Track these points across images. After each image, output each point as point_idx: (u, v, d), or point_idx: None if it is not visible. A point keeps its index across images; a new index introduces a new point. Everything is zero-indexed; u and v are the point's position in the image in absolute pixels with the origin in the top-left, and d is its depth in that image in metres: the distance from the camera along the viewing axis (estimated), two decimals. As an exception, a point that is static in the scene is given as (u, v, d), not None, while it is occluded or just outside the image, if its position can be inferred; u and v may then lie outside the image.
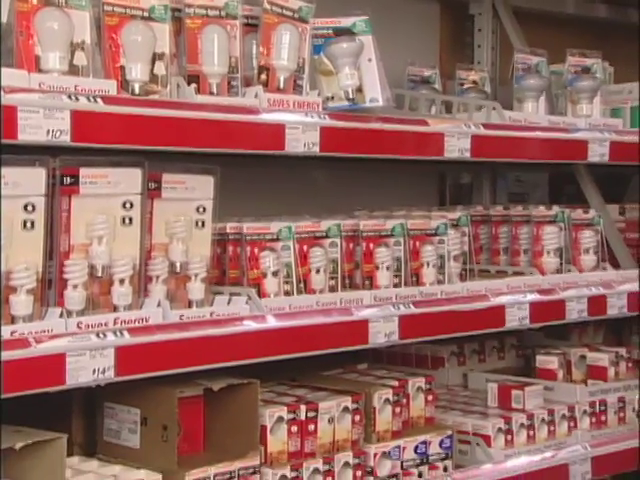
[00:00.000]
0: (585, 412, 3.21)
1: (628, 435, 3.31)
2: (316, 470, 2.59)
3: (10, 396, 2.00)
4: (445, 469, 2.87)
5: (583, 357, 3.39)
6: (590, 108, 3.39)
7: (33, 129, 2.00)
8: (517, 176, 3.92)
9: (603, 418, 3.27)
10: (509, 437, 3.05)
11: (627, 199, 3.88)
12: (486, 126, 2.93)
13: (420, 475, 2.80)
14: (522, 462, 3.01)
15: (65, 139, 2.05)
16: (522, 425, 3.08)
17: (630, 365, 3.40)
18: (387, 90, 2.69)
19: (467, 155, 2.83)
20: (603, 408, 3.27)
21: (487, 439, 3.00)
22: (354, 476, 2.66)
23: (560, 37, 3.68)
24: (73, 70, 2.18)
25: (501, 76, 3.70)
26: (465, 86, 3.47)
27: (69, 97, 2.07)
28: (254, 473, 2.45)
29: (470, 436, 3.02)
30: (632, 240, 3.57)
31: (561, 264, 3.15)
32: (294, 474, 2.54)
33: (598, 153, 3.22)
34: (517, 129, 3.04)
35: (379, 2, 3.13)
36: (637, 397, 3.37)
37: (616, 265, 3.40)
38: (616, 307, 3.20)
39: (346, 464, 2.65)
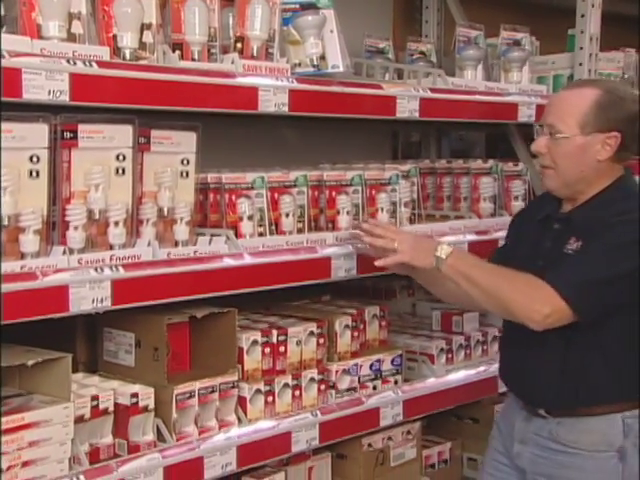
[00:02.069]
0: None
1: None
2: (286, 385, 2.60)
3: (22, 321, 1.99)
4: (396, 383, 2.89)
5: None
6: (520, 75, 3.38)
7: (36, 89, 1.97)
8: (459, 135, 3.92)
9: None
10: (450, 356, 3.09)
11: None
12: (432, 90, 2.92)
13: (374, 388, 2.82)
14: (460, 376, 3.07)
15: (64, 99, 2.02)
16: (461, 345, 3.13)
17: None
18: (347, 58, 2.66)
19: (416, 115, 2.82)
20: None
21: (431, 357, 3.04)
22: (318, 390, 2.68)
23: (495, 15, 3.67)
24: (71, 37, 2.13)
25: (445, 48, 3.68)
26: (414, 56, 3.46)
27: (68, 61, 2.04)
28: (233, 387, 2.46)
29: (417, 355, 3.06)
30: (554, 189, 3.57)
31: (495, 209, 3.16)
32: (267, 388, 2.55)
33: (526, 114, 3.22)
34: (459, 93, 3.03)
35: None
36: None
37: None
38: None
39: (311, 379, 2.66)
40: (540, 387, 2.36)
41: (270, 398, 2.55)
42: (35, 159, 2.05)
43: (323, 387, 2.68)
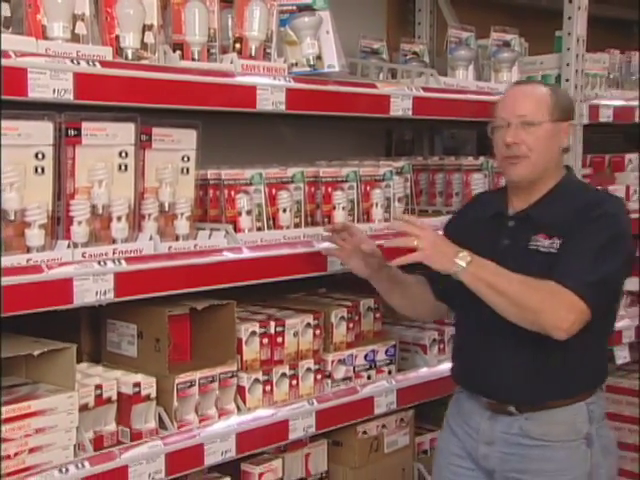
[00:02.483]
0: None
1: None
2: (283, 374, 2.60)
3: (28, 312, 2.00)
4: (390, 372, 2.90)
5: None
6: (509, 75, 3.39)
7: (41, 88, 1.97)
8: (451, 132, 3.92)
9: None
10: (441, 346, 3.10)
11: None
12: (425, 89, 2.92)
13: (369, 377, 2.83)
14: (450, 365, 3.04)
15: (69, 97, 2.02)
16: (452, 336, 3.08)
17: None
18: (342, 58, 2.67)
19: (409, 114, 2.82)
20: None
21: (424, 348, 3.05)
22: (315, 379, 2.68)
23: (485, 17, 3.68)
24: (75, 38, 2.13)
25: (437, 48, 3.68)
26: (408, 56, 3.46)
27: (72, 61, 2.04)
28: (232, 377, 2.46)
29: (410, 346, 3.06)
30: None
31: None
32: (265, 377, 2.55)
33: (517, 113, 3.20)
34: (450, 92, 3.03)
35: None
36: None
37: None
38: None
39: (308, 369, 2.66)
40: (510, 385, 2.33)
41: (268, 387, 2.55)
42: (40, 156, 2.05)
43: (319, 377, 2.69)
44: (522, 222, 2.36)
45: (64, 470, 2.07)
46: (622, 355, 3.73)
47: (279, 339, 2.60)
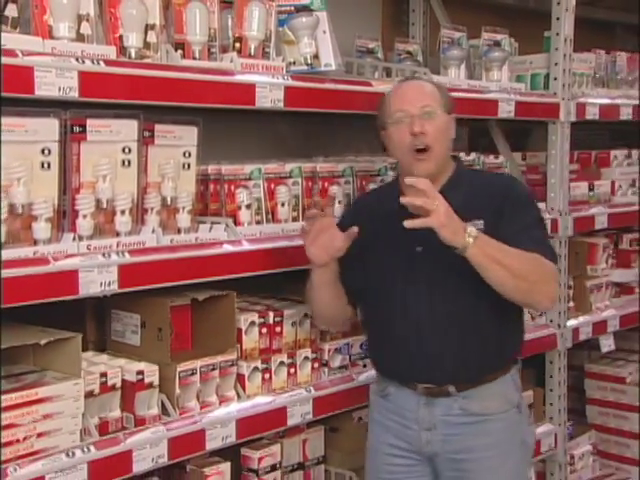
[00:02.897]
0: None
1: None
2: (282, 363, 2.60)
3: (35, 303, 2.00)
4: (384, 361, 2.89)
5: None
6: (500, 74, 3.38)
7: (47, 86, 1.97)
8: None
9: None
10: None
11: (528, 148, 3.89)
12: (418, 88, 2.90)
13: (364, 366, 2.81)
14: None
15: (74, 95, 2.02)
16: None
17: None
18: (339, 57, 2.67)
19: (403, 111, 2.81)
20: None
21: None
22: (312, 367, 2.69)
23: (477, 18, 3.67)
24: (80, 38, 2.13)
25: (430, 48, 3.68)
26: (402, 56, 3.45)
27: (77, 60, 2.04)
28: (232, 365, 2.46)
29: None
30: (531, 180, 3.59)
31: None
32: (264, 366, 2.56)
33: (506, 110, 3.22)
34: (443, 90, 3.01)
35: None
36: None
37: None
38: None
39: (306, 358, 2.67)
40: (449, 366, 2.33)
41: (267, 375, 2.56)
42: (47, 152, 2.06)
43: (316, 365, 2.69)
44: None
45: (71, 454, 2.07)
46: (607, 343, 3.75)
47: (277, 329, 2.60)
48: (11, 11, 2.03)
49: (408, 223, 2.12)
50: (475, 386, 2.34)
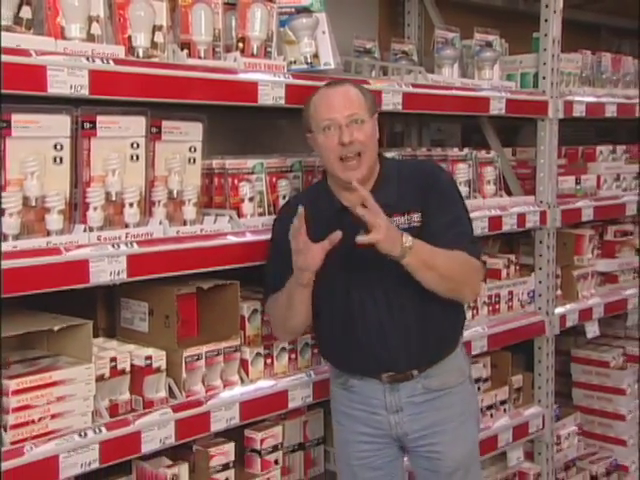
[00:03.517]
0: (484, 302, 3.24)
1: (515, 319, 3.36)
2: (283, 349, 2.61)
3: (48, 291, 2.00)
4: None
5: (484, 262, 3.41)
6: (491, 73, 3.38)
7: (59, 84, 1.97)
8: (438, 126, 3.91)
9: (497, 307, 3.31)
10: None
11: (518, 143, 3.90)
12: (414, 86, 2.91)
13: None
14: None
15: (84, 92, 2.02)
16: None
17: (517, 268, 3.44)
18: (337, 56, 2.66)
19: (399, 108, 2.82)
20: (497, 300, 3.30)
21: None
22: (312, 353, 2.68)
23: (469, 19, 3.67)
24: (90, 38, 2.13)
25: (425, 48, 3.67)
26: (398, 55, 3.44)
27: (87, 59, 2.04)
28: (236, 351, 2.46)
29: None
30: (521, 175, 3.59)
31: (469, 192, 3.15)
32: (266, 351, 2.56)
33: (497, 108, 3.21)
34: (437, 88, 3.02)
35: None
36: (522, 290, 3.42)
37: (509, 193, 3.42)
38: (509, 224, 3.23)
39: (306, 344, 2.67)
40: (411, 352, 2.33)
41: (269, 360, 2.56)
42: (59, 147, 2.06)
43: (316, 351, 2.68)
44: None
45: (83, 434, 2.08)
46: (592, 330, 3.76)
47: (279, 316, 2.60)
48: (25, 13, 2.04)
49: (360, 239, 2.11)
50: (432, 365, 2.37)
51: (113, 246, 2.11)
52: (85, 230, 2.10)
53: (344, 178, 2.27)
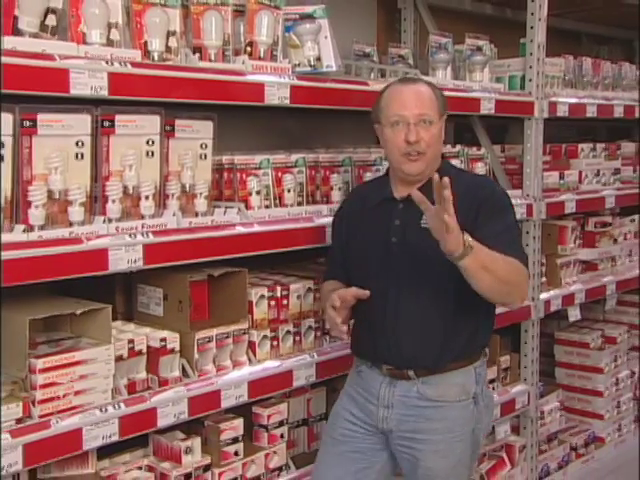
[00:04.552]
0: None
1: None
2: (288, 332, 2.60)
3: (71, 277, 2.00)
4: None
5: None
6: (482, 76, 3.36)
7: (81, 86, 1.96)
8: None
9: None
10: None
11: (506, 141, 3.89)
12: (409, 87, 2.88)
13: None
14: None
15: (104, 93, 2.01)
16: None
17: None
18: (339, 60, 2.65)
19: (396, 108, 2.79)
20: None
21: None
22: (315, 336, 2.68)
23: (461, 26, 3.66)
24: (109, 43, 2.13)
25: (420, 52, 3.65)
26: (395, 59, 3.43)
27: (107, 62, 2.03)
28: (244, 334, 2.46)
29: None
30: (509, 170, 3.58)
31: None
32: (273, 334, 2.56)
33: (487, 107, 3.20)
34: (431, 89, 2.99)
35: None
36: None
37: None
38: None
39: (309, 327, 2.66)
40: (410, 353, 2.23)
41: (275, 342, 2.56)
42: (80, 144, 2.05)
43: (319, 334, 2.69)
44: (412, 204, 2.12)
45: (104, 410, 2.09)
46: (574, 314, 3.76)
47: (284, 301, 2.59)
48: (51, 21, 2.04)
49: (444, 219, 1.91)
50: (434, 373, 2.23)
51: (130, 236, 2.11)
52: (104, 221, 2.09)
53: (405, 170, 2.21)
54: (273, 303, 2.57)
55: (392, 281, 2.23)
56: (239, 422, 2.52)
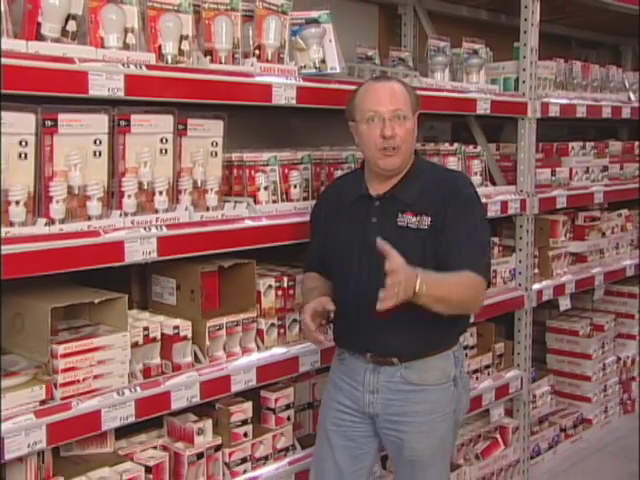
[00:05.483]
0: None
1: (498, 294, 3.31)
2: (294, 320, 2.60)
3: (89, 268, 2.00)
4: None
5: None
6: (478, 77, 3.36)
7: (99, 87, 1.96)
8: (431, 124, 3.89)
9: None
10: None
11: (501, 140, 3.88)
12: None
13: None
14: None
15: (120, 94, 2.01)
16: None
17: (501, 249, 3.41)
18: (342, 62, 2.64)
19: (396, 108, 2.78)
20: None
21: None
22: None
23: (458, 30, 3.64)
24: (126, 47, 2.12)
25: (419, 55, 3.64)
26: (395, 62, 3.42)
27: (123, 65, 2.03)
28: (253, 322, 2.46)
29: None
30: (504, 167, 3.58)
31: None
32: (280, 322, 2.55)
33: (483, 108, 3.19)
34: (430, 90, 2.99)
35: (338, 4, 3.10)
36: (504, 268, 3.39)
37: (494, 183, 3.40)
38: (493, 211, 3.19)
39: (314, 315, 2.65)
40: (393, 341, 2.20)
41: (282, 330, 2.56)
42: (98, 142, 2.05)
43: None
44: (388, 202, 2.18)
45: (121, 393, 2.09)
46: (565, 303, 3.75)
47: (291, 291, 2.59)
48: (71, 26, 2.04)
49: (380, 298, 1.92)
50: (416, 359, 2.20)
51: (145, 229, 2.11)
52: (121, 215, 2.09)
53: (381, 165, 2.18)
54: (280, 293, 2.56)
55: (372, 276, 2.14)
56: (248, 405, 2.52)
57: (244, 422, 2.50)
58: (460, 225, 2.14)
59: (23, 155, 1.91)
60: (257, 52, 2.44)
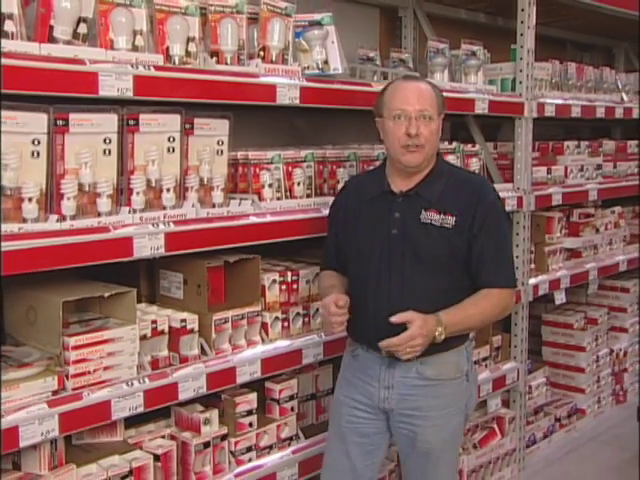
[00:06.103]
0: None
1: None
2: (298, 313, 2.60)
3: (99, 263, 2.00)
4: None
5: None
6: (476, 78, 3.34)
7: (108, 87, 1.96)
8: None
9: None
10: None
11: (499, 138, 3.86)
12: (409, 89, 2.86)
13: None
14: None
15: (129, 94, 2.01)
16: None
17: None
18: (344, 63, 2.64)
19: (398, 107, 2.77)
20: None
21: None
22: (323, 315, 2.64)
23: (457, 32, 3.63)
24: (134, 48, 2.12)
25: (419, 56, 3.63)
26: (396, 63, 3.41)
27: (132, 66, 2.02)
28: (257, 315, 2.46)
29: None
30: (501, 165, 3.57)
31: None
32: (284, 316, 2.55)
33: (481, 107, 3.17)
34: (429, 91, 2.97)
35: (340, 7, 3.10)
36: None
37: (491, 181, 3.39)
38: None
39: (318, 310, 2.64)
40: None
41: (286, 324, 2.55)
42: (107, 141, 2.05)
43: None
44: (411, 199, 2.18)
45: (130, 384, 2.09)
46: (560, 297, 3.75)
47: (295, 286, 2.59)
48: (82, 29, 2.04)
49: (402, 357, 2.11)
50: (432, 354, 2.16)
51: (153, 225, 2.11)
52: (129, 212, 2.09)
53: (404, 161, 2.16)
54: (284, 287, 2.56)
55: (394, 271, 2.16)
56: (253, 396, 2.52)
57: (249, 412, 2.50)
58: (489, 238, 2.16)
59: (36, 154, 1.91)
60: (262, 53, 2.44)
